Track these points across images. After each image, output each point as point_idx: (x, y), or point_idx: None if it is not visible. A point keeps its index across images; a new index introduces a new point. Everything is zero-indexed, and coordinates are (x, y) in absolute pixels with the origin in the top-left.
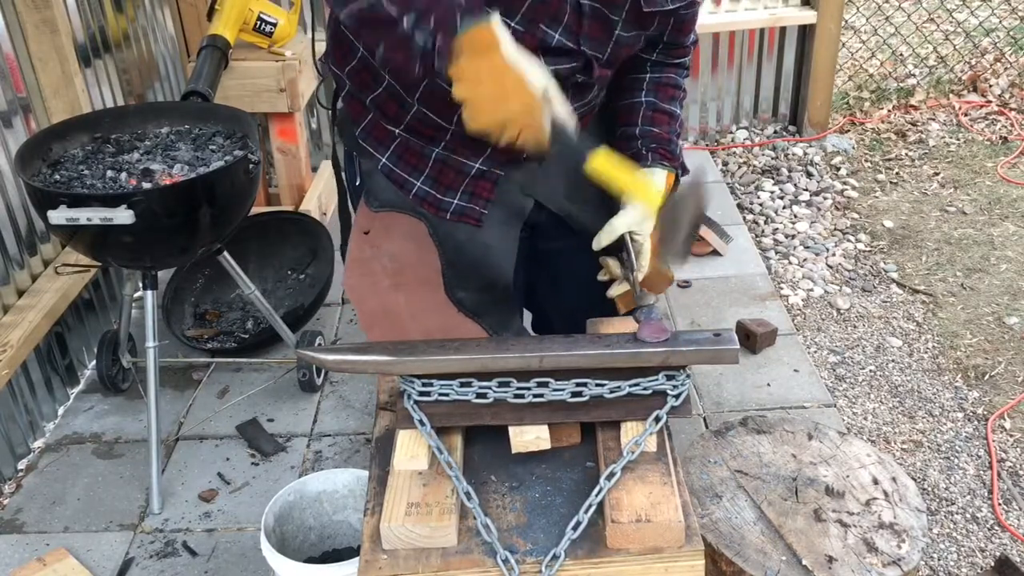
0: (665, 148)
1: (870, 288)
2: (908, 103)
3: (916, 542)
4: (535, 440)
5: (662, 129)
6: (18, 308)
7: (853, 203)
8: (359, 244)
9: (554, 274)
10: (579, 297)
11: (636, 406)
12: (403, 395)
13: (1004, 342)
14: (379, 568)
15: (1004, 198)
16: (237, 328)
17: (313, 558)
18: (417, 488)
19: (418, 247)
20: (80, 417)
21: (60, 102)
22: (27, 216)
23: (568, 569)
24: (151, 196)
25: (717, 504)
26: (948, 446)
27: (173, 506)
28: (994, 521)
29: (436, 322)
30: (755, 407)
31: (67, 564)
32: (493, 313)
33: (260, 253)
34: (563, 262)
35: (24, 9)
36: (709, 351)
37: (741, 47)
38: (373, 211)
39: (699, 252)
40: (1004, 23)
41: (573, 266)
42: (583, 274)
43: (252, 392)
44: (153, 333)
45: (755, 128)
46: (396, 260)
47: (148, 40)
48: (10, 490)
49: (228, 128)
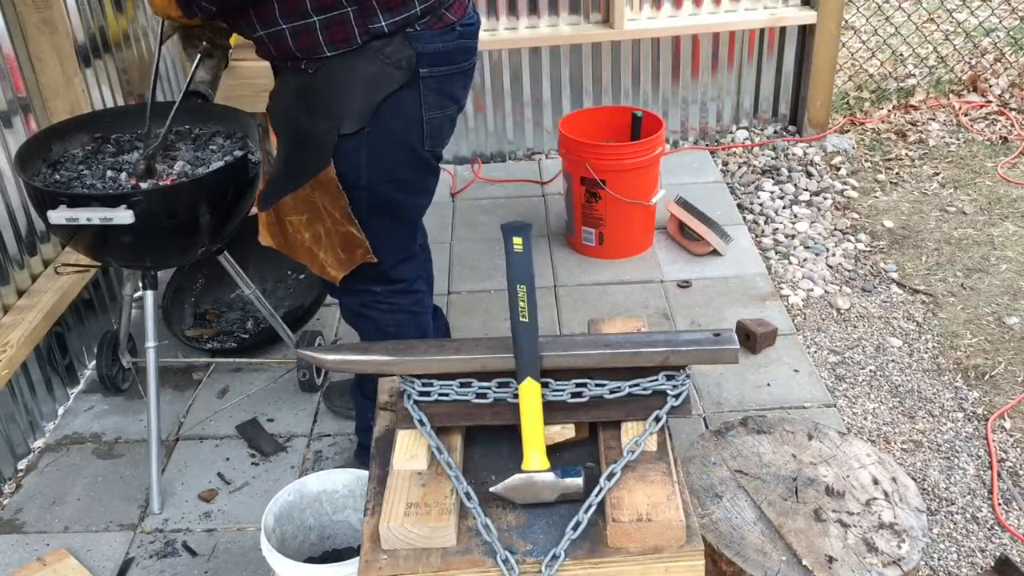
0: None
1: (870, 288)
2: (908, 103)
3: (916, 542)
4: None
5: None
6: (18, 308)
7: (853, 203)
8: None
9: None
10: None
11: (636, 406)
12: (403, 395)
13: (1004, 342)
14: (379, 568)
15: (1004, 198)
16: (237, 328)
17: (313, 558)
18: (416, 488)
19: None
20: (80, 417)
21: (60, 102)
22: (27, 216)
23: (568, 569)
24: (151, 196)
25: (717, 504)
26: (948, 446)
27: (173, 506)
28: (994, 521)
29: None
30: (755, 407)
31: (67, 564)
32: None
33: (260, 253)
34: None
35: (24, 9)
36: (709, 351)
37: (741, 47)
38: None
39: (699, 252)
40: (1004, 23)
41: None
42: None
43: (252, 392)
44: (153, 333)
45: (755, 128)
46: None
47: (148, 40)
48: (10, 490)
49: (228, 128)
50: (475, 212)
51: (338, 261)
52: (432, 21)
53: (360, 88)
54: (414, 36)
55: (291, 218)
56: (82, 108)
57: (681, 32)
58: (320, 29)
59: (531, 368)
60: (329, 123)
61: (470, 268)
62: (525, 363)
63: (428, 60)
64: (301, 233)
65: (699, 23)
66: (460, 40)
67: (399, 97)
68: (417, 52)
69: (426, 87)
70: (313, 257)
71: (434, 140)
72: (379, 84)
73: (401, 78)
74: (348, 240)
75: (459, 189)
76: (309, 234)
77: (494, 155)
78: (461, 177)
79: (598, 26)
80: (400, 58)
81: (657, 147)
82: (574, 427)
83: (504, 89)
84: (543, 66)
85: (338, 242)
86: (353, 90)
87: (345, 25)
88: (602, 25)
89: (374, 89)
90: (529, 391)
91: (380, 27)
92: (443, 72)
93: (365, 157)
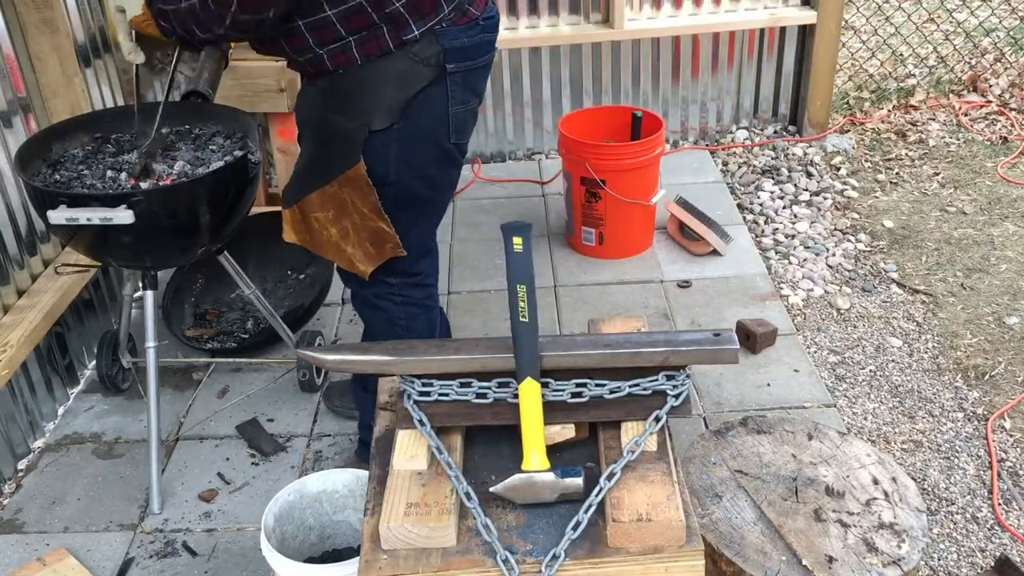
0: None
1: (870, 288)
2: (908, 103)
3: (916, 542)
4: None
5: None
6: (18, 308)
7: (853, 203)
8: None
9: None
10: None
11: (636, 406)
12: (403, 395)
13: (1004, 342)
14: (379, 568)
15: (1004, 198)
16: (237, 328)
17: (313, 558)
18: (416, 488)
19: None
20: (80, 417)
21: (60, 102)
22: (27, 216)
23: (568, 569)
24: (151, 196)
25: (717, 504)
26: (948, 446)
27: (173, 506)
28: (994, 521)
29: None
30: (755, 407)
31: (67, 564)
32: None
33: (260, 253)
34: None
35: (24, 9)
36: (709, 351)
37: (741, 47)
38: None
39: (699, 252)
40: (1004, 23)
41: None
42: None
43: (252, 392)
44: (153, 333)
45: (755, 128)
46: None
47: None
48: (10, 490)
49: (228, 128)
50: (475, 212)
51: (367, 256)
52: (457, 17)
53: (391, 86)
54: (440, 32)
55: (317, 215)
56: (82, 108)
57: (681, 32)
58: (355, 47)
59: (531, 368)
60: (359, 120)
61: (470, 268)
62: (525, 363)
63: (454, 56)
64: (327, 229)
65: (699, 23)
66: (483, 34)
67: (428, 93)
68: (444, 48)
69: (452, 82)
70: (340, 252)
71: (459, 134)
72: (409, 81)
73: (429, 75)
74: (377, 235)
75: (459, 189)
76: (336, 230)
77: (494, 155)
78: (462, 177)
79: (598, 26)
80: (428, 55)
81: (657, 147)
82: (574, 427)
83: (504, 89)
84: (543, 66)
85: (367, 237)
86: (383, 88)
87: (379, 40)
88: (602, 25)
89: (404, 86)
90: (529, 391)
91: (413, 35)
92: (468, 67)
93: (394, 153)
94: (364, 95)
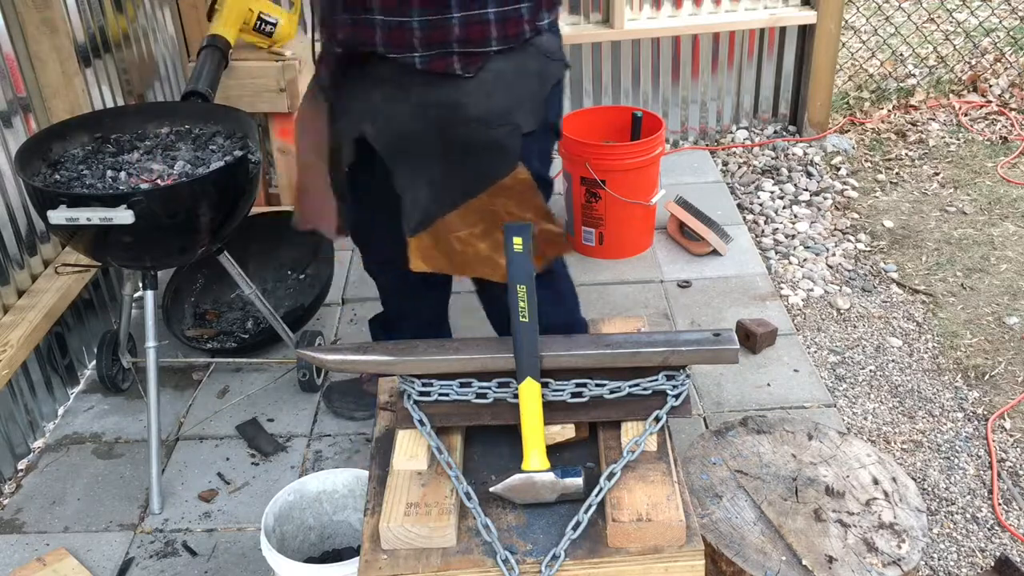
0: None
1: (870, 288)
2: (908, 103)
3: (916, 542)
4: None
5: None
6: (18, 308)
7: (853, 203)
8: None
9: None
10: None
11: (636, 406)
12: (403, 395)
13: (1004, 342)
14: (379, 568)
15: (1004, 198)
16: (237, 328)
17: (313, 558)
18: (416, 488)
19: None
20: (80, 417)
21: (60, 102)
22: (27, 216)
23: (568, 569)
24: (151, 196)
25: (717, 504)
26: (948, 446)
27: (173, 506)
28: (994, 521)
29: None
30: (755, 407)
31: (67, 564)
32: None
33: (260, 253)
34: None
35: (24, 9)
36: (709, 351)
37: (741, 47)
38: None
39: (699, 252)
40: (1004, 23)
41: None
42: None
43: (252, 392)
44: (153, 333)
45: (755, 128)
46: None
47: (148, 40)
48: (10, 490)
49: (228, 128)
50: None
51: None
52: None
53: (531, 84)
54: (556, 28)
55: (460, 233)
56: (82, 108)
57: (681, 32)
58: (495, 22)
59: (531, 368)
60: (507, 126)
61: None
62: (525, 363)
63: (563, 49)
64: (474, 245)
65: (699, 23)
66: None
67: (558, 88)
68: (560, 42)
69: (564, 74)
70: (495, 267)
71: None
72: (545, 78)
73: (556, 71)
74: (544, 238)
75: None
76: (487, 244)
77: None
78: None
79: (598, 26)
80: (554, 49)
81: (657, 147)
82: (574, 427)
83: None
84: None
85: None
86: (523, 88)
87: (520, 21)
88: (602, 25)
89: (542, 83)
90: (529, 391)
91: (544, 24)
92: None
93: (537, 151)
94: (506, 98)
